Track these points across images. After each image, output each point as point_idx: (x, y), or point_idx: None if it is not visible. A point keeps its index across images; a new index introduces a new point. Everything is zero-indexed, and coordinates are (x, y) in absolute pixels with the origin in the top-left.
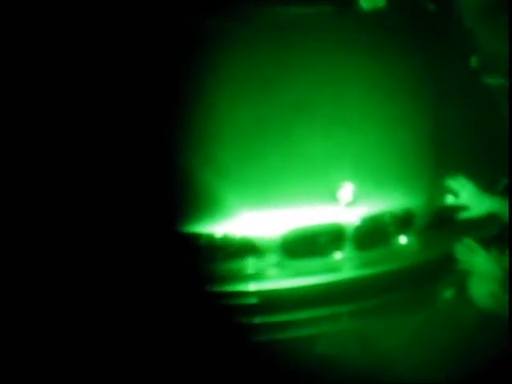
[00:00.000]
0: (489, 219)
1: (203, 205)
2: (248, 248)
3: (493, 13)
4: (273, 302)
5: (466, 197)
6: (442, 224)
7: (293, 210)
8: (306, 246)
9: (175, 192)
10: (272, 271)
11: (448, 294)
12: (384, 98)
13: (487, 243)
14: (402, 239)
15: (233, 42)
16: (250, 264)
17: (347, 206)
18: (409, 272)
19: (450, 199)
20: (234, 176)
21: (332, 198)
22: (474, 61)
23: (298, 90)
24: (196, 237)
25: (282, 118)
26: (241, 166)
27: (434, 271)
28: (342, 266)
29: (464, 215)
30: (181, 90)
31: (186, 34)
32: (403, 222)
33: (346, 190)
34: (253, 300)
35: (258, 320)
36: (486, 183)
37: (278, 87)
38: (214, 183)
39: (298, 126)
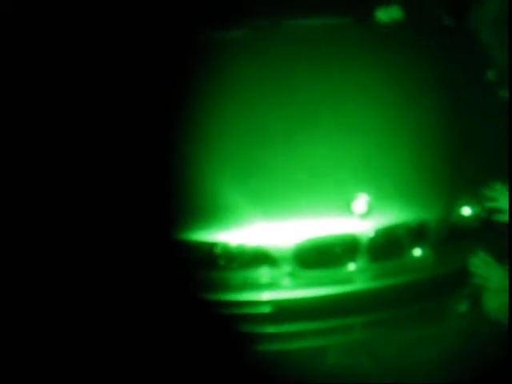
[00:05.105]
0: (505, 234)
1: (219, 214)
2: (262, 257)
3: (508, 27)
4: (285, 311)
5: (504, 201)
6: (457, 237)
7: (307, 220)
8: (319, 256)
9: (191, 201)
10: (285, 281)
11: (462, 307)
12: (400, 111)
13: (502, 258)
14: (416, 252)
15: (245, 54)
16: (264, 273)
17: (361, 217)
18: (422, 285)
19: (489, 204)
20: (249, 186)
21: (346, 209)
22: (490, 74)
23: (314, 101)
24: (211, 246)
25: (298, 129)
26: (256, 177)
27: (449, 284)
28: (356, 277)
29: (501, 218)
30: (195, 98)
31: (193, 45)
32: (417, 234)
33: (361, 201)
34: (266, 309)
35: (270, 329)
36: None
37: (295, 98)
38: (229, 193)
39: (315, 137)
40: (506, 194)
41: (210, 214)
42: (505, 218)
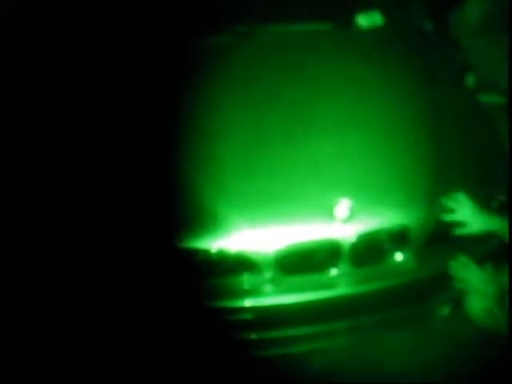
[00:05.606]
0: (485, 236)
1: (200, 221)
2: (244, 264)
3: (489, 31)
4: (268, 317)
5: (465, 213)
6: (439, 241)
7: (289, 226)
8: (301, 262)
9: (172, 208)
10: (267, 287)
11: (445, 310)
12: (380, 116)
13: (482, 260)
14: (398, 256)
15: (233, 59)
16: (246, 280)
17: (343, 222)
18: (405, 289)
19: (448, 216)
20: (230, 192)
21: (328, 214)
22: (469, 79)
23: (295, 107)
24: (193, 252)
25: (279, 135)
26: (237, 183)
27: (431, 288)
28: (338, 282)
29: (462, 231)
30: (181, 106)
31: (188, 50)
32: (399, 238)
33: (343, 206)
34: (248, 316)
35: (253, 336)
36: (481, 200)
37: (277, 105)
38: (210, 199)
39: (295, 143)
40: (468, 204)
41: (192, 220)
42: (467, 230)
